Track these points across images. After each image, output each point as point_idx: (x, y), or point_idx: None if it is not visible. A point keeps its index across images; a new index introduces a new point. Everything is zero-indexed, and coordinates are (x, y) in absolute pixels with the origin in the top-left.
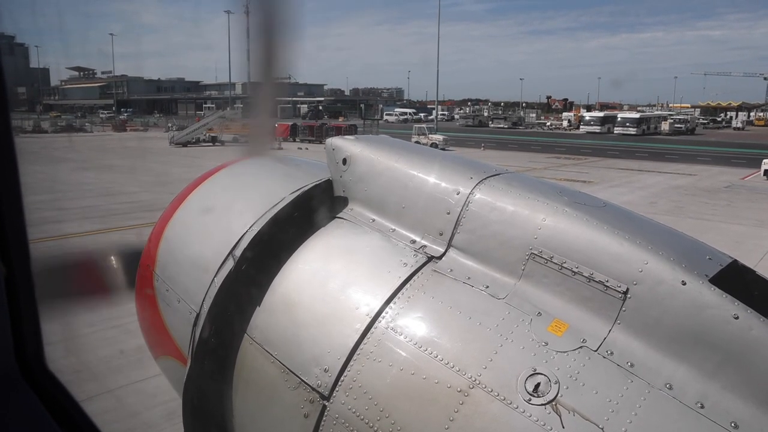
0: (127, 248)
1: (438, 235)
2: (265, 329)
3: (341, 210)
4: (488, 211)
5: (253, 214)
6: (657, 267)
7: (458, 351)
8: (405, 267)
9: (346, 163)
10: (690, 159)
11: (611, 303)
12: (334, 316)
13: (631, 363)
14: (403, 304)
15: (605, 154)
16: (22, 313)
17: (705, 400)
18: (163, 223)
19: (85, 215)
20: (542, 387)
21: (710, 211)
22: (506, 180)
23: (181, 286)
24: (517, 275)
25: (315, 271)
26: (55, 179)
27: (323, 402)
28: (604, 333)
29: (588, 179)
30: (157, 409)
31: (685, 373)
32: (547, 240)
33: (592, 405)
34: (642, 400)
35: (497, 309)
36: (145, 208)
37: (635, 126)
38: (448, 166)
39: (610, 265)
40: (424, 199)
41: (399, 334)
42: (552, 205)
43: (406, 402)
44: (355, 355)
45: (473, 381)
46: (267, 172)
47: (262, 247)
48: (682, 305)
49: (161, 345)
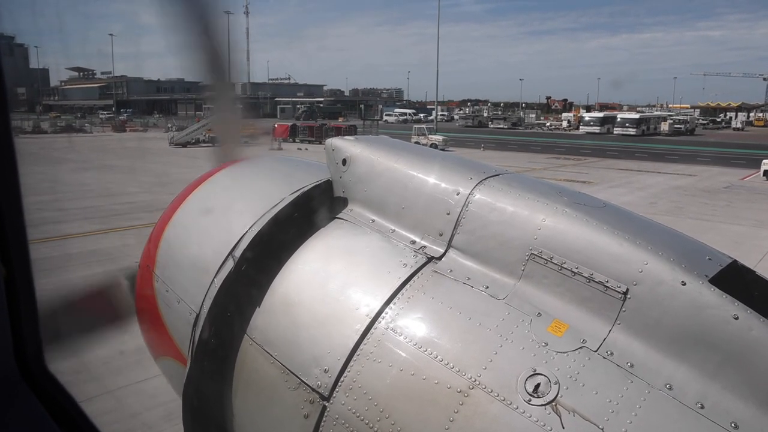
0: (134, 271)
1: (438, 236)
2: (265, 330)
3: (341, 210)
4: (488, 211)
5: (253, 214)
6: (657, 267)
7: (458, 351)
8: (405, 267)
9: (346, 164)
10: (689, 159)
11: (611, 303)
12: (334, 316)
13: (631, 363)
14: (403, 304)
15: (605, 155)
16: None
17: (705, 400)
18: (163, 223)
19: (85, 216)
20: (542, 387)
21: (710, 211)
22: (506, 180)
23: (180, 287)
24: (517, 276)
25: (315, 271)
26: (54, 180)
27: (323, 402)
28: (604, 333)
29: (587, 180)
30: (157, 409)
31: (685, 374)
32: (547, 240)
33: (592, 405)
34: (642, 400)
35: (497, 309)
36: (144, 208)
37: (635, 126)
38: (448, 167)
39: (609, 265)
40: (423, 199)
41: (399, 334)
42: (552, 205)
43: (406, 402)
44: (355, 356)
45: (473, 381)
46: (267, 172)
47: (261, 248)
48: (682, 305)
49: (161, 346)
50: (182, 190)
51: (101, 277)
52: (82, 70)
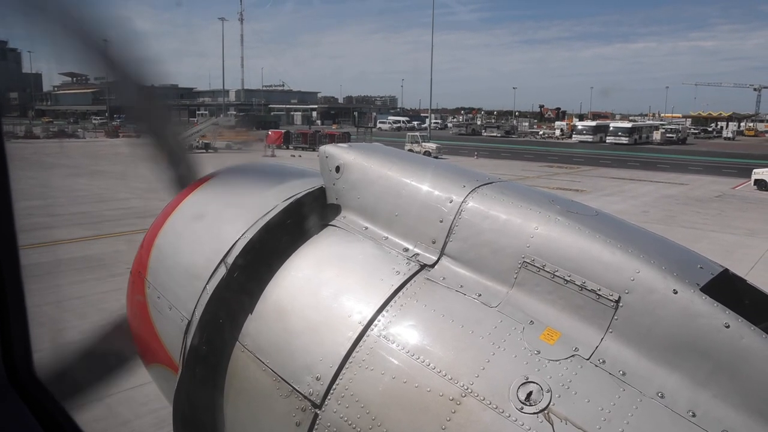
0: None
1: (431, 243)
2: (256, 337)
3: (334, 218)
4: (481, 219)
5: (246, 221)
6: (649, 276)
7: (450, 359)
8: (398, 275)
9: (339, 171)
10: (681, 168)
11: (603, 311)
12: (327, 324)
13: (623, 371)
14: (395, 312)
15: (597, 163)
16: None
17: (696, 408)
18: (155, 230)
19: (77, 221)
20: (534, 395)
21: (701, 220)
22: (499, 189)
23: (172, 294)
24: (510, 283)
25: (307, 278)
26: (46, 185)
27: (315, 410)
28: (596, 341)
29: (580, 188)
30: (147, 417)
31: (676, 382)
32: (540, 248)
33: (584, 413)
34: (634, 408)
35: (489, 317)
36: (137, 214)
37: (627, 135)
38: (441, 175)
39: (602, 273)
40: (417, 207)
41: (391, 342)
42: (544, 213)
43: (399, 410)
44: (347, 363)
45: (465, 389)
46: (259, 179)
47: (254, 255)
48: (673, 314)
49: (152, 353)
50: (175, 196)
51: (112, 317)
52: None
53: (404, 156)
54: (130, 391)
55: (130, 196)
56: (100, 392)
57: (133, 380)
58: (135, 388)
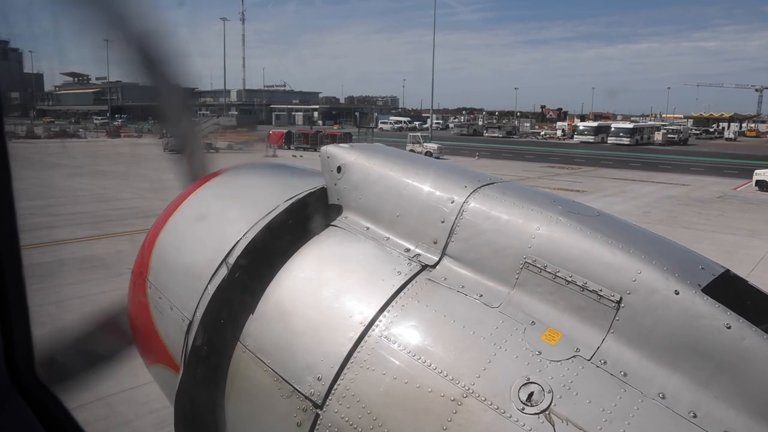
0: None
1: (432, 244)
2: (258, 337)
3: (335, 218)
4: (482, 219)
5: (247, 221)
6: (650, 276)
7: (452, 360)
8: (399, 275)
9: (341, 171)
10: (683, 169)
11: (605, 312)
12: (328, 324)
13: (624, 372)
14: (396, 312)
15: (599, 164)
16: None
17: (698, 409)
18: (157, 229)
19: (78, 221)
20: (536, 396)
21: (703, 220)
22: (500, 189)
23: (174, 294)
24: (511, 284)
25: (309, 279)
26: (48, 185)
27: (316, 410)
28: (597, 342)
29: (582, 189)
30: (148, 417)
31: (678, 383)
32: (541, 249)
33: (585, 414)
34: (635, 409)
35: (491, 318)
36: (138, 214)
37: (629, 136)
38: (443, 175)
39: (603, 274)
40: (418, 207)
41: (392, 342)
42: (546, 214)
43: (400, 411)
44: (348, 364)
45: (467, 390)
46: (261, 179)
47: (255, 255)
48: (675, 315)
49: (153, 352)
50: (176, 196)
51: (106, 306)
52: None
53: (406, 156)
54: (132, 390)
55: (131, 196)
56: (90, 381)
57: (134, 380)
58: (136, 388)
